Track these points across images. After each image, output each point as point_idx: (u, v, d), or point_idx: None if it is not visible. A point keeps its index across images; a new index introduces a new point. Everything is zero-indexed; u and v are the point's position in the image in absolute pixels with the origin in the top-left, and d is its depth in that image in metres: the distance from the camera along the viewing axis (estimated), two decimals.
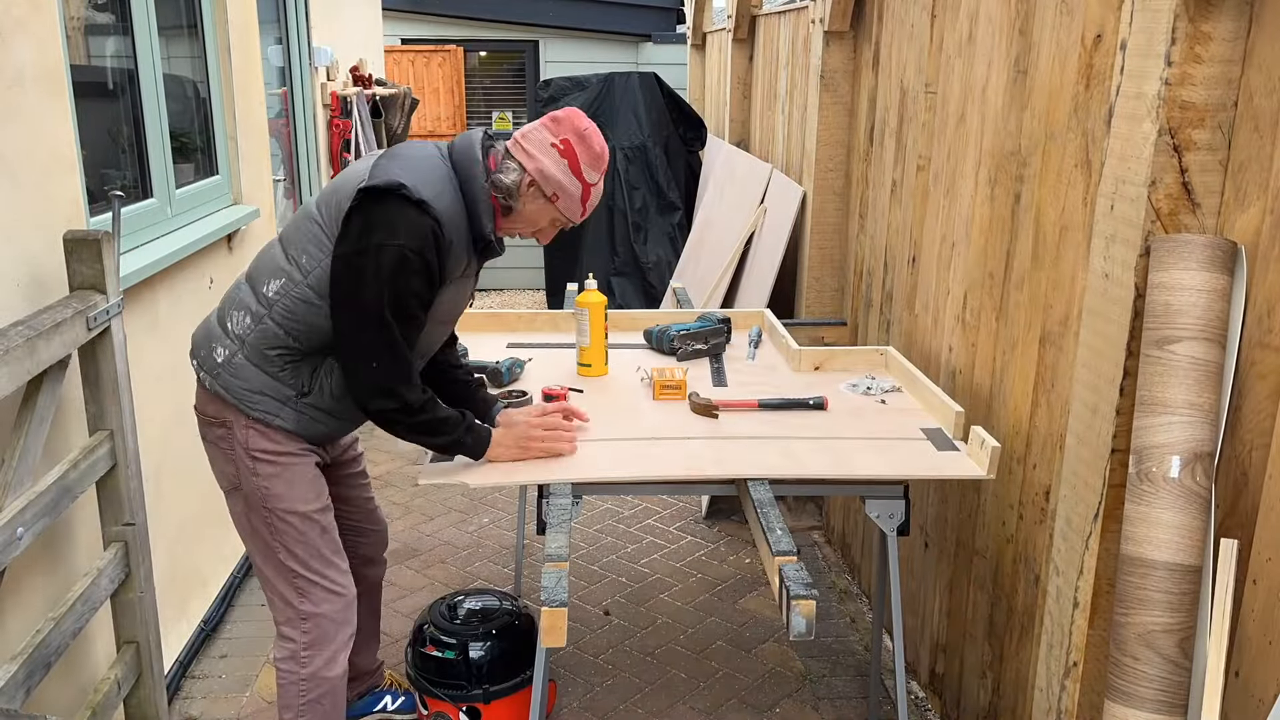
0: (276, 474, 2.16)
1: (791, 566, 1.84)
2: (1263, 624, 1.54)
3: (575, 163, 2.11)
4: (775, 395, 2.66)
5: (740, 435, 2.41)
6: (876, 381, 2.77)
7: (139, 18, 2.97)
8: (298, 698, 2.30)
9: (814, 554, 3.98)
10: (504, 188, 2.11)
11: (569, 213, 2.16)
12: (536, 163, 2.10)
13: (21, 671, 1.97)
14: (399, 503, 4.40)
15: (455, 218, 2.07)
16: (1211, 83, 1.61)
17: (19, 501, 1.99)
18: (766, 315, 3.28)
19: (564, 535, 1.99)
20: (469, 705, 2.73)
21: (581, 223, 2.26)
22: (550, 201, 2.13)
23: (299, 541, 2.21)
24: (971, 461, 2.25)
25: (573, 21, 8.47)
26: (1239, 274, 1.60)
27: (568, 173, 2.11)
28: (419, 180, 2.02)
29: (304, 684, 2.29)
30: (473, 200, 2.09)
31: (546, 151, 2.10)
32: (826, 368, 2.93)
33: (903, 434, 2.42)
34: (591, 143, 2.12)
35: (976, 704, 2.65)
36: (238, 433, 2.14)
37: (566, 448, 2.26)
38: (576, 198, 2.14)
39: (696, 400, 2.56)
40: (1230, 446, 1.62)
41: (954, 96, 2.76)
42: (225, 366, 2.14)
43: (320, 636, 2.27)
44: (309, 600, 2.25)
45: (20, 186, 2.17)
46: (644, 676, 3.16)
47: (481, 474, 2.21)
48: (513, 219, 2.17)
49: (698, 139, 6.93)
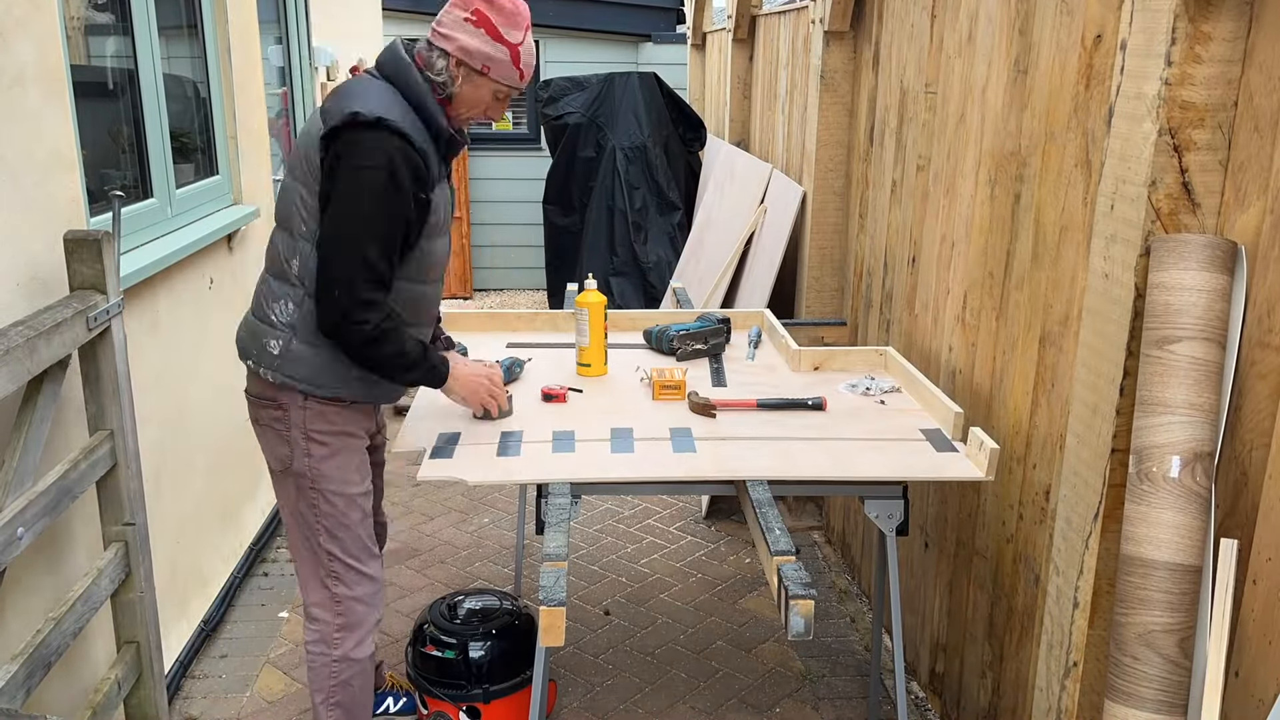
0: (329, 455, 2.23)
1: (790, 566, 1.85)
2: (1263, 624, 1.54)
3: (491, 28, 2.13)
4: (774, 395, 2.66)
5: (738, 436, 2.41)
6: (876, 382, 2.77)
7: (139, 18, 2.97)
8: (329, 679, 2.35)
9: (814, 554, 3.98)
10: (437, 76, 2.16)
11: (506, 79, 2.18)
12: (455, 41, 2.14)
13: (22, 671, 1.97)
14: (399, 502, 4.40)
15: (412, 124, 2.11)
16: (1211, 83, 1.61)
17: (19, 501, 1.99)
18: (766, 315, 3.29)
19: (562, 535, 1.99)
20: (469, 705, 2.73)
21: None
22: (483, 74, 2.16)
23: (340, 525, 2.27)
24: (970, 463, 2.25)
25: (573, 21, 8.46)
26: (1239, 274, 1.60)
27: (487, 40, 2.13)
28: (368, 104, 2.07)
29: (335, 665, 2.34)
30: (418, 102, 2.14)
31: (461, 28, 2.14)
32: (826, 368, 2.94)
33: (901, 435, 2.42)
34: (500, 4, 2.14)
35: (976, 704, 2.65)
36: (294, 414, 2.20)
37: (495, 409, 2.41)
38: (506, 61, 2.16)
39: (695, 400, 2.57)
40: (1230, 446, 1.62)
41: (954, 96, 2.76)
42: (284, 357, 2.18)
43: (352, 620, 2.33)
44: (343, 583, 2.31)
45: (20, 186, 2.17)
46: (644, 676, 3.16)
47: (481, 471, 2.21)
48: (457, 105, 2.20)
49: (698, 139, 6.93)
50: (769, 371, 2.93)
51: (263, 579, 3.70)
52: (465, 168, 8.28)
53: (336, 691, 2.36)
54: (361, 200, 2.06)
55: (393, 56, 2.17)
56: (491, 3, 2.14)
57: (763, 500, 2.09)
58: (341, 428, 2.24)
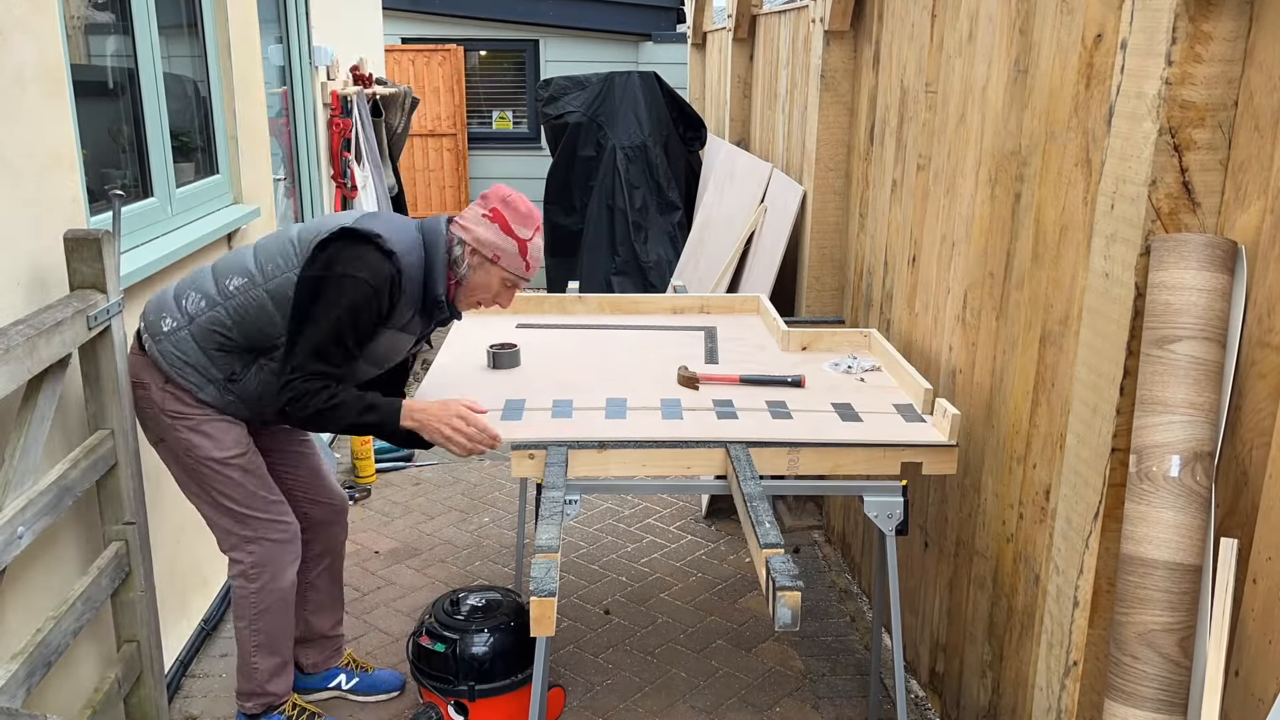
0: (193, 427, 2.44)
1: (778, 558, 1.87)
2: (1263, 624, 1.54)
3: (505, 224, 2.43)
4: (760, 373, 2.82)
5: (723, 408, 2.58)
6: (858, 361, 2.92)
7: (139, 17, 2.97)
8: (250, 609, 2.62)
9: (814, 553, 3.98)
10: (454, 259, 2.45)
11: (514, 269, 2.45)
12: (472, 233, 2.43)
13: (22, 670, 1.98)
14: (399, 502, 4.41)
15: (414, 275, 2.40)
16: (1212, 82, 1.61)
17: (19, 500, 1.99)
18: (761, 300, 3.46)
19: (555, 527, 2.02)
20: (456, 700, 2.73)
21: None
22: (493, 263, 2.44)
23: (228, 483, 2.49)
24: (935, 430, 2.40)
25: (573, 21, 8.46)
26: (1239, 273, 1.60)
27: (500, 234, 2.42)
28: (393, 238, 2.37)
29: (254, 596, 2.60)
30: (431, 266, 2.42)
31: (479, 222, 2.44)
32: (814, 348, 3.09)
33: (875, 408, 2.57)
34: (517, 205, 2.45)
35: (976, 703, 2.65)
36: (154, 394, 2.42)
37: (459, 448, 2.35)
38: (515, 253, 2.44)
39: (682, 373, 2.74)
40: (1230, 446, 1.62)
41: (954, 96, 2.76)
42: (169, 336, 2.41)
43: (264, 557, 2.57)
44: (249, 527, 2.55)
45: (20, 186, 2.17)
46: (644, 676, 3.16)
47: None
48: (468, 289, 2.48)
49: (698, 138, 6.92)
50: (759, 350, 3.09)
51: None
52: (465, 167, 8.28)
53: (258, 619, 2.62)
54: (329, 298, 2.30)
55: (435, 226, 2.46)
56: (508, 203, 2.45)
57: (754, 494, 2.11)
58: (198, 408, 2.43)
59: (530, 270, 2.49)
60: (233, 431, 2.49)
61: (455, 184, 8.36)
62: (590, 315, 3.48)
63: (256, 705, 2.73)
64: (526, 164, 8.38)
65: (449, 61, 8.11)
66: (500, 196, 2.46)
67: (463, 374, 2.85)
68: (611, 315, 3.49)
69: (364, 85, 5.60)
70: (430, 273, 2.42)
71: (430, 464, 4.82)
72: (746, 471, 2.19)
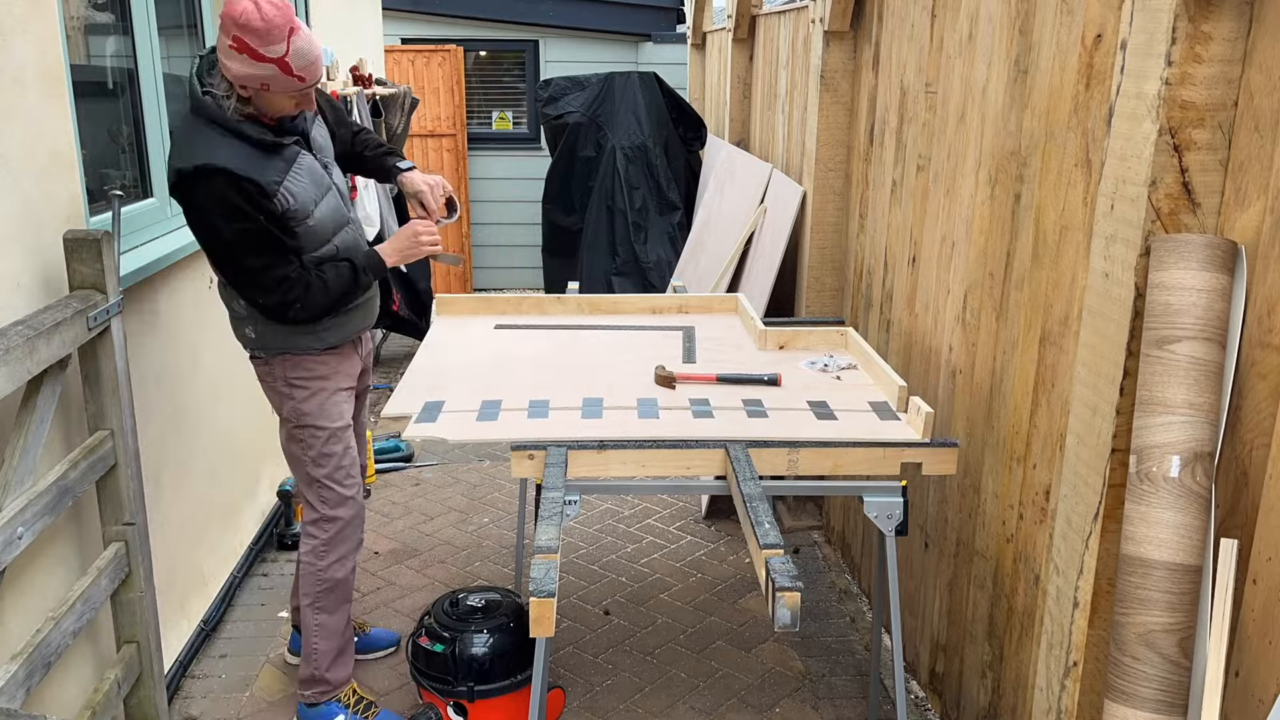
0: (308, 396, 2.64)
1: (778, 559, 1.87)
2: (1263, 624, 1.54)
3: (251, 50, 2.24)
4: (736, 371, 2.83)
5: (699, 407, 2.59)
6: (834, 359, 2.93)
7: (139, 17, 2.97)
8: (315, 586, 2.75)
9: (814, 554, 3.98)
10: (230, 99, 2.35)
11: (288, 89, 2.32)
12: (230, 70, 2.29)
13: (22, 671, 1.98)
14: (399, 502, 4.40)
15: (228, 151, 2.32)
16: (1212, 82, 1.61)
17: (19, 501, 1.99)
18: (739, 299, 3.49)
19: (554, 527, 2.02)
20: (455, 701, 2.72)
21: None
22: (266, 90, 2.32)
23: (323, 454, 2.67)
24: (909, 429, 2.41)
25: (573, 21, 8.46)
26: (1239, 274, 1.60)
27: (251, 64, 2.26)
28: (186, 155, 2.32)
29: (320, 574, 2.75)
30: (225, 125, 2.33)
31: (228, 55, 2.27)
32: (790, 346, 3.11)
33: (850, 406, 2.58)
34: (252, 23, 2.22)
35: (976, 704, 2.65)
36: (276, 367, 2.63)
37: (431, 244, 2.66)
38: (279, 74, 2.28)
39: (659, 373, 2.74)
40: (1230, 446, 1.62)
41: (954, 96, 2.76)
42: (261, 336, 2.60)
43: (335, 537, 2.73)
44: (328, 504, 2.72)
45: (20, 186, 2.17)
46: (644, 676, 3.16)
47: (462, 432, 2.41)
48: (265, 110, 2.38)
49: (698, 139, 6.92)
50: (737, 349, 3.10)
51: (262, 579, 3.70)
52: (465, 167, 8.27)
53: (321, 597, 2.75)
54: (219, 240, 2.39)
55: (191, 92, 2.37)
56: (244, 25, 2.22)
57: (753, 495, 2.11)
58: (315, 373, 2.63)
59: (308, 80, 2.33)
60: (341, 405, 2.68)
61: (455, 184, 8.34)
62: (569, 316, 3.46)
63: (315, 694, 2.80)
64: (526, 164, 8.38)
65: (449, 62, 8.10)
66: (232, 19, 2.23)
67: (440, 377, 2.79)
68: (590, 315, 3.47)
69: (364, 86, 5.59)
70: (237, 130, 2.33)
71: (430, 464, 4.82)
72: (746, 472, 2.19)
